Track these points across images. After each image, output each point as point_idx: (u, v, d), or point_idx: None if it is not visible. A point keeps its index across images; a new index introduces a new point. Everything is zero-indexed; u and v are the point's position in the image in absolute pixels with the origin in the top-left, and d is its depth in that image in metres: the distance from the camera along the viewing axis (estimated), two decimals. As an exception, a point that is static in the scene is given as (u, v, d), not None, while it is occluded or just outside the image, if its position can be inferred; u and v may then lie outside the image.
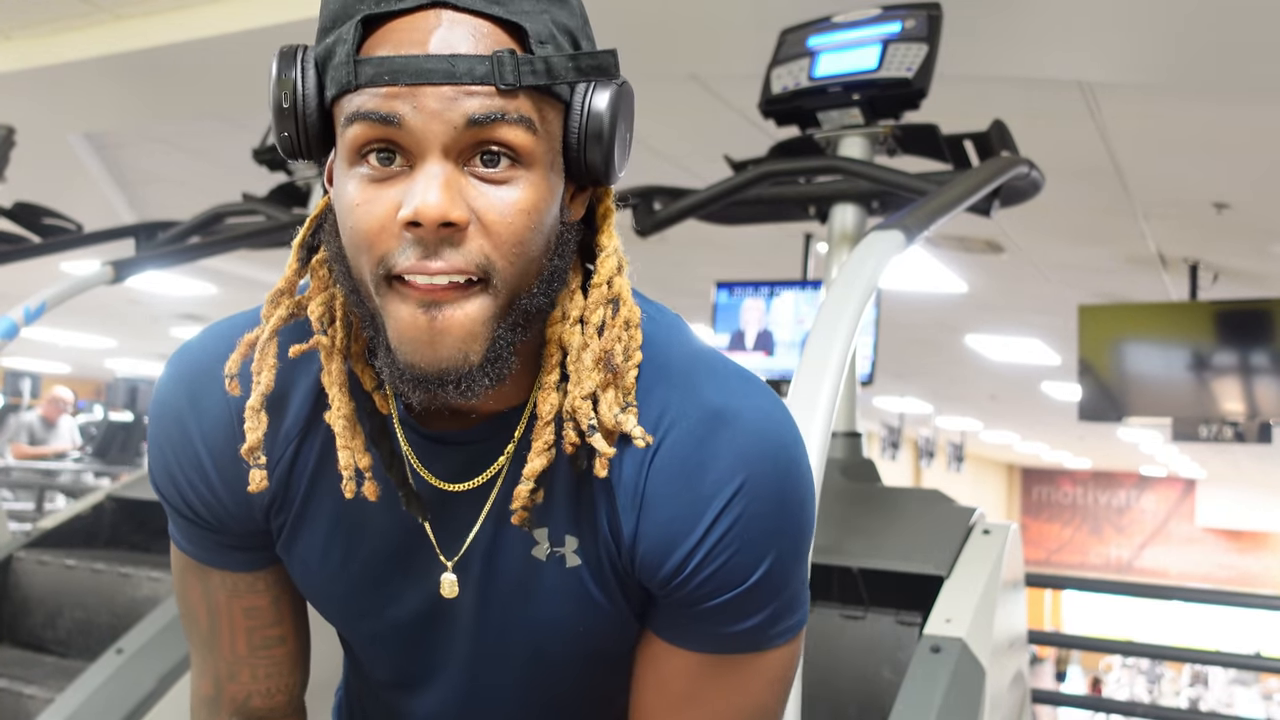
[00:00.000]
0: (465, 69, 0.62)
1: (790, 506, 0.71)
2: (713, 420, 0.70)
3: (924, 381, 9.55)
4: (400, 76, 0.62)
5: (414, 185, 0.63)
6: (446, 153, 0.63)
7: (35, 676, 2.10)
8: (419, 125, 0.62)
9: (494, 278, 0.65)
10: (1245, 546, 17.25)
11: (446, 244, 0.63)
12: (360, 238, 0.65)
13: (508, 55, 0.63)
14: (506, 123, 0.63)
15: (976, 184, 1.78)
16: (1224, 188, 3.73)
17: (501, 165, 0.64)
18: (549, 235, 0.68)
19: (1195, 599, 3.24)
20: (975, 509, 1.86)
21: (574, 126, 0.67)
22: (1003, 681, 1.70)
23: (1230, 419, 4.44)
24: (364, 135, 0.64)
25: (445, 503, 0.75)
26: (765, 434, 0.70)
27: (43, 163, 3.73)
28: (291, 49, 0.67)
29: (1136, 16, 2.52)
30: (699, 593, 0.71)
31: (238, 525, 0.79)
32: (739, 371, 0.74)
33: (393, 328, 0.66)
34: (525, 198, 0.65)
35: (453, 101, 0.62)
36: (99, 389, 11.95)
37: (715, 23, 2.75)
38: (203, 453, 0.76)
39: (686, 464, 0.69)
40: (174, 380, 0.79)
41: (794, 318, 4.09)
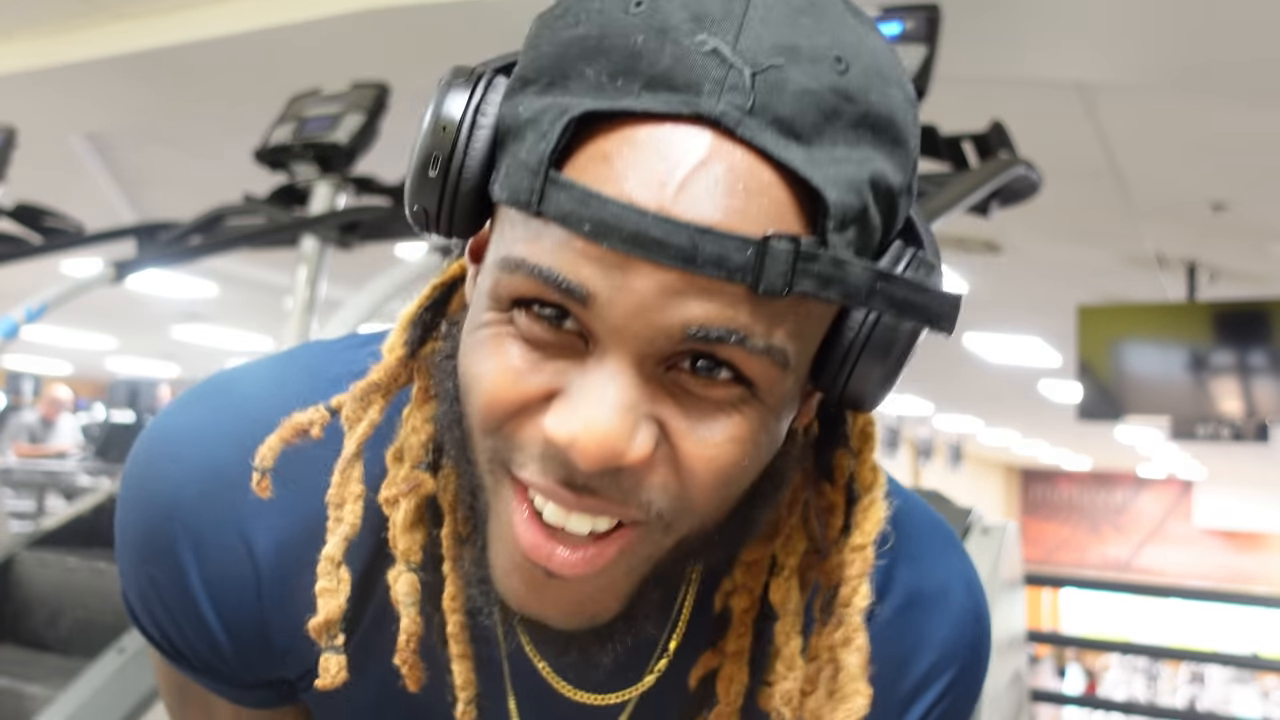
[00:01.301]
0: (713, 254, 0.39)
1: (981, 694, 0.59)
2: (917, 603, 0.55)
3: (923, 381, 9.56)
4: (608, 236, 0.39)
5: (584, 389, 0.42)
6: (644, 355, 0.41)
7: (37, 675, 2.10)
8: (615, 314, 0.40)
9: (667, 517, 0.44)
10: (1242, 547, 17.27)
11: (607, 480, 0.43)
12: (481, 404, 0.44)
13: (787, 246, 0.39)
14: (746, 349, 0.41)
15: (975, 185, 1.79)
16: (1221, 188, 3.74)
17: (722, 379, 0.42)
18: (765, 463, 0.46)
19: (1193, 597, 3.25)
20: (973, 509, 1.87)
21: (850, 330, 0.44)
22: (1001, 681, 1.70)
23: (1228, 419, 4.46)
24: (527, 291, 0.42)
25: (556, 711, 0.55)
26: (975, 618, 0.57)
27: (44, 163, 3.73)
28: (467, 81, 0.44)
29: (1135, 18, 2.53)
30: None
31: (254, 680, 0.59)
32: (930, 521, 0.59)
33: (498, 536, 0.46)
34: (744, 429, 0.43)
35: (676, 297, 0.40)
36: (100, 389, 11.95)
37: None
38: (203, 601, 0.54)
39: (889, 662, 0.53)
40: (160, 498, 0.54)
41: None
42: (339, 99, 2.64)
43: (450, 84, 0.45)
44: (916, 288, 0.43)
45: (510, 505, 0.45)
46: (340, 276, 2.86)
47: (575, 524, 0.44)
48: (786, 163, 0.40)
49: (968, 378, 8.94)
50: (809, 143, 0.40)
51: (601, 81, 0.41)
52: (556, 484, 0.43)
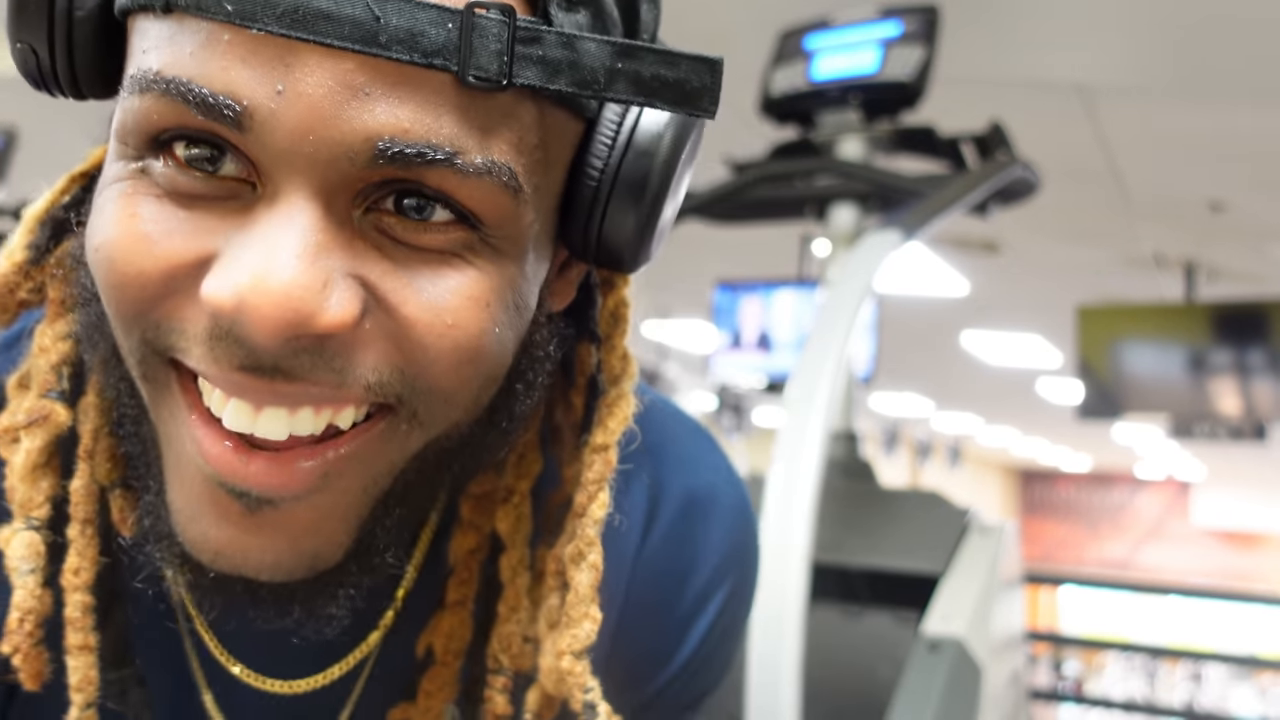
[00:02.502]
0: (402, 28, 0.30)
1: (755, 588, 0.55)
2: (689, 511, 0.50)
3: (923, 381, 9.57)
4: (259, 12, 0.30)
5: (250, 236, 0.32)
6: (329, 188, 0.32)
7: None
8: (279, 130, 0.31)
9: (403, 409, 0.35)
10: (1241, 547, 17.29)
11: (305, 357, 0.32)
12: (117, 282, 0.33)
13: (497, 17, 0.31)
14: (457, 170, 0.32)
15: (974, 185, 1.80)
16: (1220, 189, 3.74)
17: (438, 219, 0.33)
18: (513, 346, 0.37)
19: (1192, 595, 3.26)
20: (971, 509, 1.88)
21: (595, 166, 0.36)
22: (1000, 680, 1.71)
23: (1226, 419, 4.47)
24: (166, 119, 0.32)
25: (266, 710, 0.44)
26: (745, 517, 0.53)
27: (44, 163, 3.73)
28: None
29: (1133, 19, 2.53)
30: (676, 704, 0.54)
31: None
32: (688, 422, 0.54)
33: (174, 464, 0.35)
34: (475, 286, 0.34)
35: (358, 97, 0.31)
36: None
37: (715, 24, 2.76)
38: None
39: (666, 579, 0.50)
40: None
41: (792, 317, 4.10)
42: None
43: None
44: (666, 57, 0.33)
45: (180, 417, 0.34)
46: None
47: (266, 424, 0.33)
48: None
49: (967, 377, 8.95)
50: None
51: None
52: (237, 371, 0.31)
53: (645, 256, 0.39)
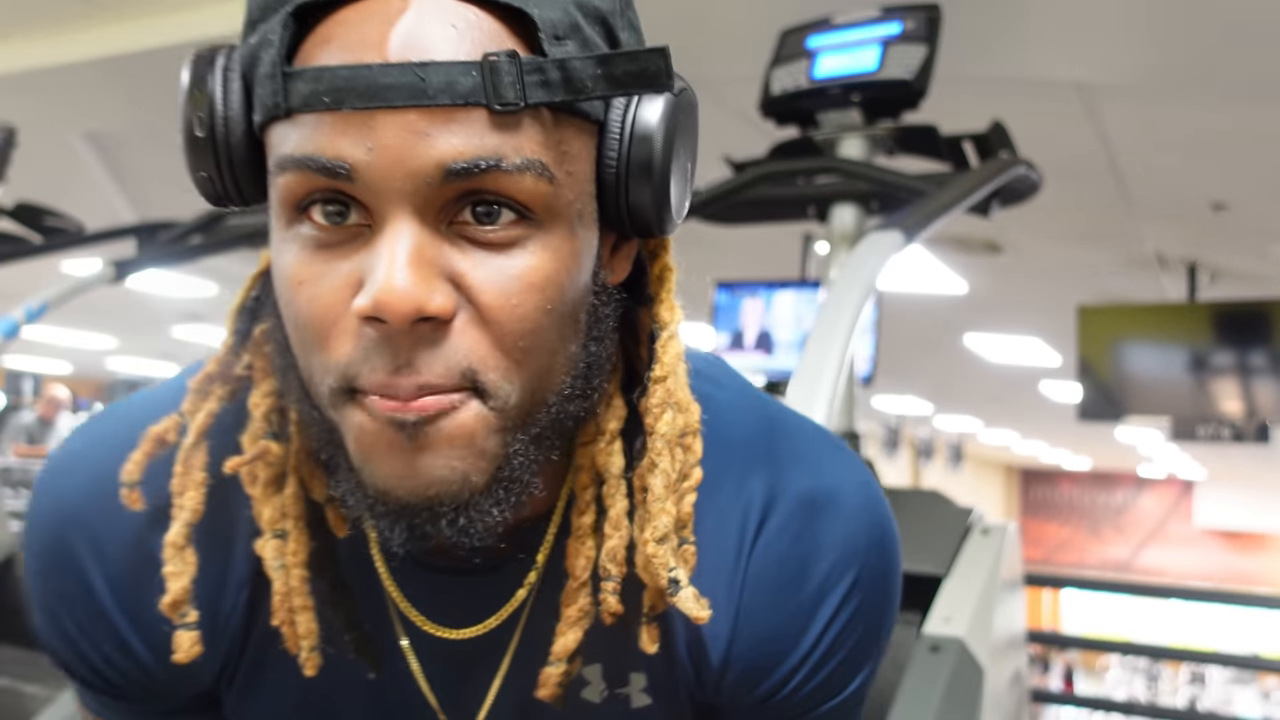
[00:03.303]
0: (442, 83, 0.42)
1: (893, 598, 0.60)
2: (810, 507, 0.56)
3: (923, 381, 9.56)
4: (346, 97, 0.42)
5: (374, 259, 0.44)
6: (420, 209, 0.44)
7: (36, 675, 2.10)
8: (376, 174, 0.43)
9: (494, 388, 0.46)
10: (1242, 547, 17.26)
11: (424, 345, 0.44)
12: (307, 334, 0.46)
13: (506, 60, 0.43)
14: (504, 171, 0.43)
15: (975, 185, 1.79)
16: (1222, 188, 3.74)
17: (503, 221, 0.45)
18: (577, 313, 0.48)
19: (1194, 598, 3.25)
20: (973, 509, 1.87)
21: (611, 156, 0.47)
22: (1001, 681, 1.70)
23: (1228, 419, 4.46)
24: (301, 187, 0.44)
25: (451, 653, 0.57)
26: (871, 515, 0.58)
27: (44, 163, 3.73)
28: (209, 52, 0.47)
29: (1135, 18, 2.53)
30: (794, 709, 0.59)
31: (175, 694, 0.59)
32: (819, 433, 0.61)
33: (355, 442, 0.47)
34: (538, 267, 0.45)
35: (424, 138, 0.42)
36: (100, 388, 11.95)
37: (715, 23, 2.75)
38: (113, 609, 0.55)
39: (787, 566, 0.56)
40: (57, 507, 0.56)
41: (793, 318, 4.09)
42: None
43: (194, 58, 0.47)
44: (629, 56, 0.44)
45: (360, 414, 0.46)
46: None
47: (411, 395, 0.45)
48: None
49: (968, 378, 8.94)
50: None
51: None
52: (388, 376, 0.45)
53: (668, 220, 0.50)
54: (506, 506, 0.48)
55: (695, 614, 0.50)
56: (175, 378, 0.60)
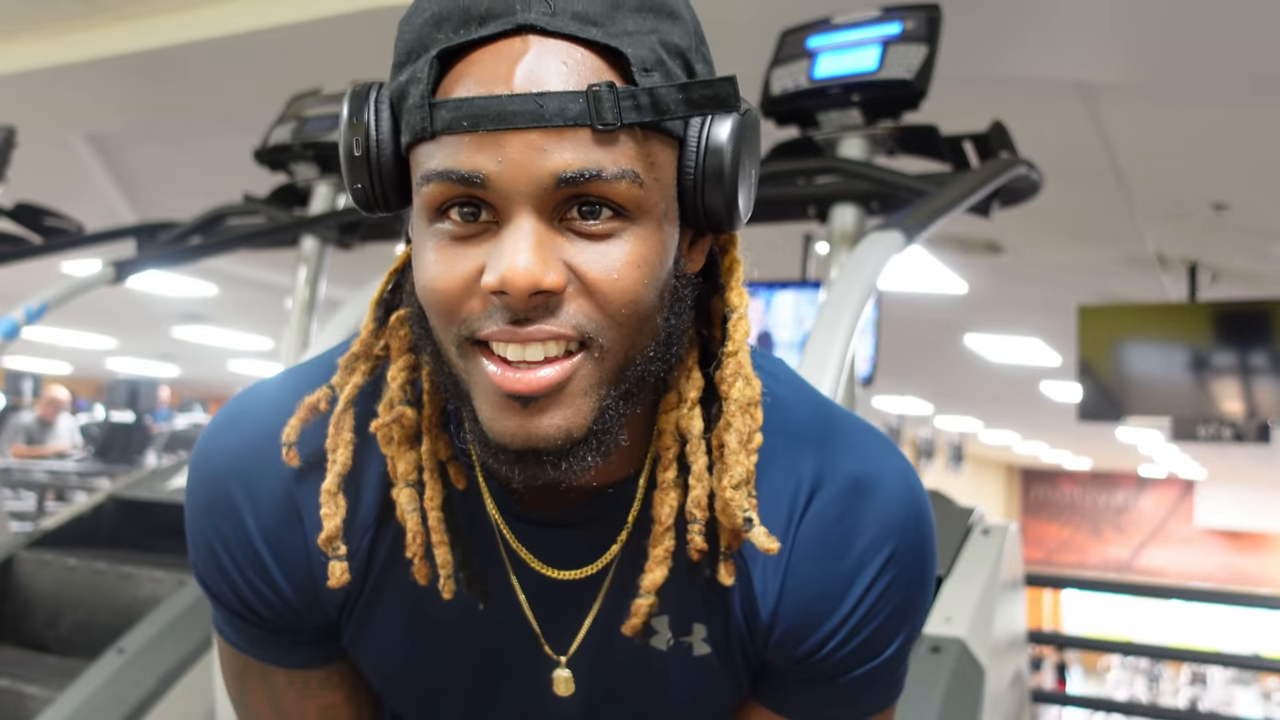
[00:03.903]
0: (556, 109, 0.53)
1: (928, 575, 0.68)
2: (855, 488, 0.65)
3: (924, 381, 9.56)
4: (481, 121, 0.54)
5: (501, 247, 0.55)
6: (538, 209, 0.55)
7: (36, 676, 2.10)
8: (504, 182, 0.54)
9: (598, 341, 0.57)
10: (1244, 547, 17.25)
11: (540, 310, 0.55)
12: (440, 301, 0.57)
13: (606, 90, 0.54)
14: (605, 180, 0.54)
15: (976, 185, 1.79)
16: (1222, 188, 3.74)
17: (603, 217, 0.56)
18: (663, 291, 0.59)
19: (1194, 598, 3.24)
20: (975, 509, 1.87)
21: (689, 166, 0.58)
22: (1002, 681, 1.70)
23: (1229, 419, 4.45)
24: (443, 194, 0.56)
25: (553, 592, 0.67)
26: (909, 501, 0.66)
27: (44, 163, 3.73)
28: (364, 88, 0.59)
29: (1136, 18, 2.53)
30: (833, 669, 0.67)
31: (307, 622, 0.71)
32: (868, 428, 0.69)
33: (481, 398, 0.58)
34: (634, 252, 0.56)
35: (542, 152, 0.54)
36: (100, 389, 11.95)
37: (715, 23, 2.75)
38: (262, 547, 0.67)
39: (831, 536, 0.65)
40: (219, 465, 0.68)
41: (794, 318, 4.09)
42: (339, 99, 2.63)
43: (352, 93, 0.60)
44: (704, 84, 0.56)
45: (484, 369, 0.57)
46: (340, 276, 2.86)
47: (531, 353, 0.56)
48: (591, 38, 0.55)
49: (969, 378, 8.94)
50: (604, 25, 0.55)
51: (450, 36, 0.56)
52: (507, 325, 0.56)
53: (737, 218, 0.61)
54: (599, 454, 0.59)
55: (765, 545, 0.60)
56: (318, 358, 0.72)
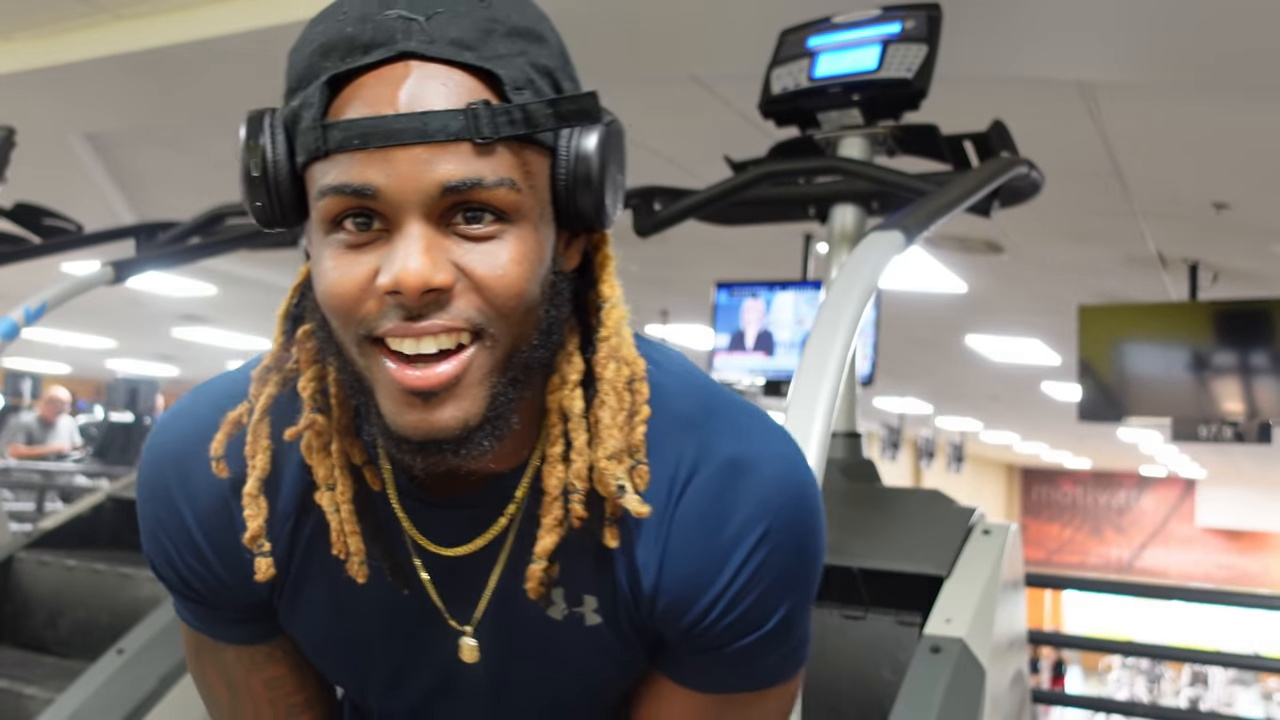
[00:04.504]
0: (438, 126, 0.59)
1: (808, 553, 0.72)
2: (732, 469, 0.69)
3: (924, 381, 9.55)
4: (370, 139, 0.59)
5: (394, 251, 0.60)
6: (426, 215, 0.60)
7: (36, 677, 2.10)
8: (394, 192, 0.59)
9: (489, 332, 0.62)
10: (1245, 547, 17.25)
11: (432, 307, 0.61)
12: (339, 304, 0.62)
13: (483, 107, 0.60)
14: (485, 188, 0.60)
15: (976, 184, 1.78)
16: (1223, 188, 3.73)
17: (486, 221, 0.61)
18: (543, 285, 0.65)
19: (1195, 599, 3.24)
20: (975, 509, 1.86)
21: (561, 173, 0.64)
22: (1003, 681, 1.70)
23: (1230, 419, 4.44)
24: (338, 206, 0.61)
25: (452, 569, 0.73)
26: (786, 481, 0.70)
27: (43, 163, 3.73)
28: (259, 113, 0.64)
29: (1136, 17, 2.52)
30: (716, 640, 0.71)
31: (243, 601, 0.77)
32: (753, 412, 0.73)
33: (383, 394, 0.63)
34: (515, 251, 0.62)
35: (427, 165, 0.59)
36: (99, 389, 11.95)
37: (715, 23, 2.75)
38: (199, 536, 0.74)
39: (707, 514, 0.69)
40: (161, 459, 0.75)
41: (794, 318, 4.09)
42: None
43: (248, 118, 0.65)
44: (570, 99, 0.63)
45: (384, 366, 0.62)
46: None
47: (425, 346, 0.61)
48: (466, 61, 0.61)
49: (969, 378, 8.94)
50: (477, 49, 0.61)
51: (337, 63, 0.61)
52: (402, 321, 0.61)
53: (606, 218, 0.66)
54: (494, 438, 0.64)
55: (636, 510, 0.66)
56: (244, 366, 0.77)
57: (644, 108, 3.32)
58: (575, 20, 2.93)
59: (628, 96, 3.54)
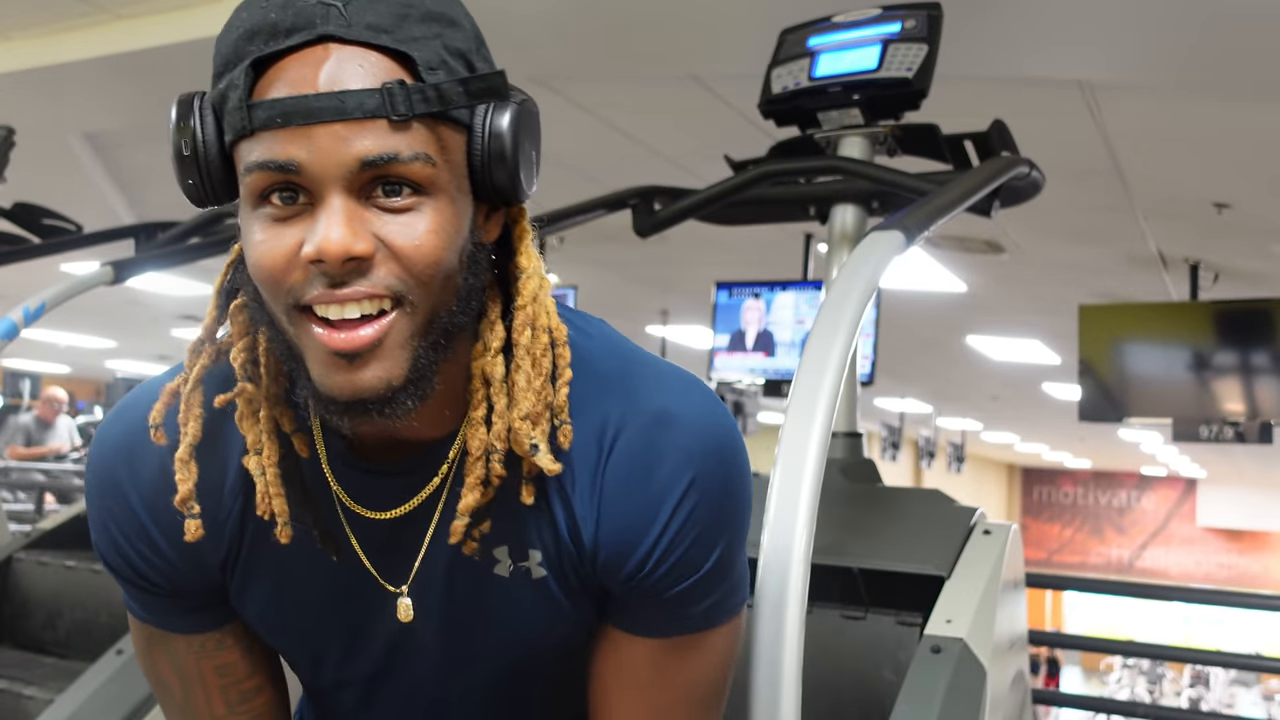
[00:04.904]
0: (355, 104, 0.62)
1: (735, 495, 0.75)
2: (656, 423, 0.73)
3: (924, 382, 9.55)
4: (292, 118, 0.62)
5: (316, 223, 0.63)
6: (346, 188, 0.63)
7: (35, 677, 2.10)
8: (315, 167, 0.62)
9: (408, 298, 0.65)
10: (1245, 547, 17.24)
11: (354, 275, 0.64)
12: (267, 274, 0.65)
13: (397, 86, 0.63)
14: (401, 162, 0.63)
15: (977, 184, 1.78)
16: (1224, 187, 3.73)
17: (404, 194, 0.65)
18: (461, 255, 0.68)
19: (1195, 599, 3.24)
20: (976, 509, 1.86)
21: (476, 149, 0.67)
22: (1004, 682, 1.70)
23: (1231, 419, 4.44)
24: (263, 181, 0.64)
25: (384, 533, 0.76)
26: (707, 431, 0.74)
27: (43, 163, 3.73)
28: (189, 96, 0.68)
29: (1136, 17, 2.52)
30: (658, 585, 0.74)
31: (193, 586, 0.79)
32: (673, 370, 0.78)
33: (312, 358, 0.66)
34: (432, 222, 0.65)
35: (346, 141, 0.62)
36: (99, 389, 11.95)
37: (715, 23, 2.75)
38: (145, 518, 0.76)
39: (636, 468, 0.72)
40: (107, 447, 0.78)
41: (794, 318, 4.09)
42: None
43: (178, 101, 0.68)
44: (480, 78, 0.67)
45: (310, 331, 0.65)
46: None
47: (349, 312, 0.65)
48: (382, 43, 0.64)
49: (969, 378, 8.94)
50: (393, 32, 0.64)
51: (260, 47, 0.64)
52: (326, 289, 0.64)
53: (521, 191, 0.70)
54: (416, 399, 0.67)
55: (548, 467, 0.70)
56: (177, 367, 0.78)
57: (644, 107, 3.32)
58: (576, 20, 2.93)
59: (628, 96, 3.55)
